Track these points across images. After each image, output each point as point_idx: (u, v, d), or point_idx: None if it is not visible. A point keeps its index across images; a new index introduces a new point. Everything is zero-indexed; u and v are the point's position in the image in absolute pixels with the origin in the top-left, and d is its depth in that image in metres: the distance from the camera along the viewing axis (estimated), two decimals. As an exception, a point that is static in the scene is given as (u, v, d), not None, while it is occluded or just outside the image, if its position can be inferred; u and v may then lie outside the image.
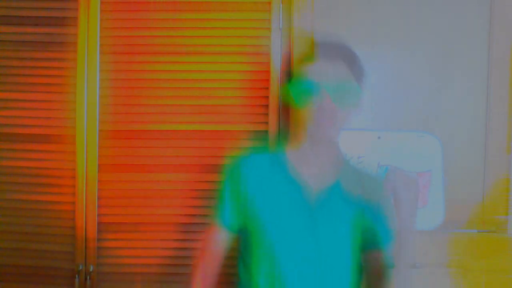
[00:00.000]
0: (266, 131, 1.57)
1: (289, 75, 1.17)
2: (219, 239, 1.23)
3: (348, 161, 1.23)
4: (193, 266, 1.25)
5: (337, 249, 1.14)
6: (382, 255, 1.17)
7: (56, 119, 1.60)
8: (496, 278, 1.46)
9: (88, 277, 1.58)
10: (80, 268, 1.58)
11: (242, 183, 1.17)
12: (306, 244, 1.12)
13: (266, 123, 1.57)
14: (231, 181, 1.20)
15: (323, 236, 1.13)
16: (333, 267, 1.13)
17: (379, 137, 1.55)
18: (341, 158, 1.21)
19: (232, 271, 1.24)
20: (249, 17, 1.57)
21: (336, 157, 1.19)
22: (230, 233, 1.22)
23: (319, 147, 1.15)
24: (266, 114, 1.57)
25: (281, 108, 1.57)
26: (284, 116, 1.57)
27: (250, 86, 1.58)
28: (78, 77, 1.58)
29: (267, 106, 1.57)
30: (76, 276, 1.58)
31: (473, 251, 1.47)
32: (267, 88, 1.57)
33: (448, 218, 1.52)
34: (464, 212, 1.55)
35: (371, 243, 1.17)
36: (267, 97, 1.57)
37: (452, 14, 1.56)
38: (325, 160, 1.17)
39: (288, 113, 1.55)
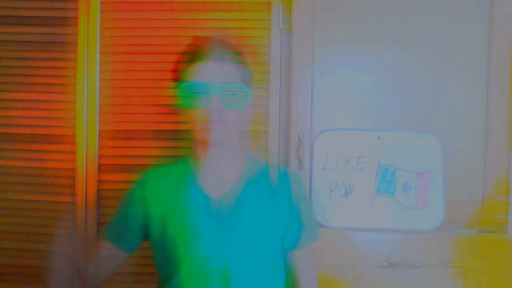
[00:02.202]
0: (266, 131, 1.57)
1: (175, 75, 1.13)
2: (107, 254, 1.21)
3: (254, 162, 1.20)
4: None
5: (248, 256, 1.10)
6: (307, 252, 1.16)
7: (56, 119, 1.60)
8: (496, 278, 1.46)
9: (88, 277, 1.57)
10: (80, 268, 1.58)
11: (143, 201, 1.15)
12: (214, 255, 1.09)
13: (266, 123, 1.57)
14: (132, 198, 1.18)
15: (231, 244, 1.09)
16: (247, 275, 1.10)
17: (379, 137, 1.55)
18: (243, 162, 1.17)
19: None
20: (249, 17, 1.57)
21: (236, 160, 1.16)
22: (120, 251, 1.21)
23: (215, 151, 1.12)
24: (266, 114, 1.57)
25: (280, 108, 1.57)
26: (284, 117, 1.57)
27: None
28: (78, 77, 1.58)
29: (266, 106, 1.57)
30: (76, 276, 1.58)
31: (473, 251, 1.47)
32: (267, 88, 1.57)
33: (448, 218, 1.52)
34: (464, 212, 1.55)
35: (293, 242, 1.15)
36: (267, 97, 1.57)
37: (452, 14, 1.56)
38: (224, 165, 1.14)
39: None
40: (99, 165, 1.59)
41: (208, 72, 1.06)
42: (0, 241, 1.62)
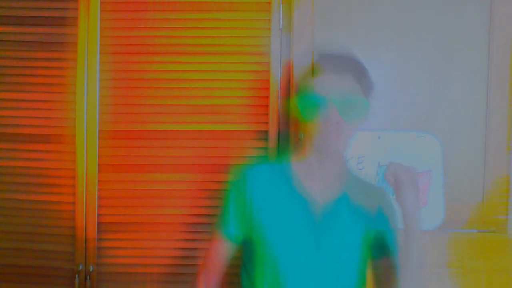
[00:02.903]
0: (266, 131, 1.57)
1: (294, 87, 1.17)
2: (222, 250, 1.21)
3: (352, 173, 1.23)
4: (196, 276, 1.25)
5: (341, 263, 1.13)
6: (393, 262, 1.16)
7: (56, 119, 1.60)
8: (496, 278, 1.46)
9: (88, 277, 1.58)
10: (80, 268, 1.58)
11: (247, 194, 1.16)
12: (309, 258, 1.11)
13: (267, 123, 1.57)
14: (236, 191, 1.18)
15: (327, 250, 1.12)
16: (337, 281, 1.12)
17: (379, 137, 1.55)
18: (346, 171, 1.20)
19: (236, 281, 1.24)
20: (249, 17, 1.57)
21: (341, 170, 1.19)
22: (233, 244, 1.21)
23: (325, 160, 1.14)
24: (267, 114, 1.57)
25: (281, 109, 1.57)
26: (284, 118, 1.58)
27: (250, 86, 1.58)
28: (78, 77, 1.58)
29: (267, 106, 1.57)
30: (76, 276, 1.58)
31: (473, 251, 1.47)
32: (267, 88, 1.57)
33: (448, 218, 1.52)
34: (464, 212, 1.55)
35: (381, 252, 1.17)
36: (267, 97, 1.57)
37: (452, 14, 1.56)
38: (330, 173, 1.16)
39: (289, 116, 1.55)
40: (99, 165, 1.59)
41: (328, 84, 1.08)
42: (0, 241, 1.62)
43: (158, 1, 1.58)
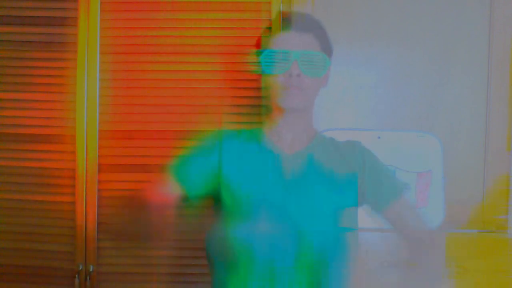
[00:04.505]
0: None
1: (258, 44, 1.18)
2: (168, 190, 1.14)
3: (321, 134, 1.23)
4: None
5: (314, 213, 1.11)
6: (403, 204, 1.16)
7: (56, 119, 1.60)
8: (496, 278, 1.46)
9: (88, 277, 1.58)
10: (80, 268, 1.58)
11: (217, 154, 1.15)
12: (281, 211, 1.09)
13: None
14: (206, 148, 1.17)
15: (303, 205, 1.11)
16: (319, 235, 1.09)
17: (379, 137, 1.55)
18: (313, 130, 1.21)
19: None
20: (249, 17, 1.57)
21: (309, 127, 1.20)
22: (182, 193, 1.14)
23: (291, 117, 1.15)
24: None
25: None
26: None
27: (250, 86, 1.58)
28: (78, 77, 1.58)
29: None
30: (76, 276, 1.58)
31: (473, 251, 1.47)
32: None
33: (448, 218, 1.52)
34: (464, 212, 1.55)
35: (383, 199, 1.16)
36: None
37: (452, 13, 1.56)
38: (298, 129, 1.17)
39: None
40: (99, 165, 1.59)
41: (289, 41, 1.11)
42: (0, 241, 1.62)
43: (158, 1, 1.58)
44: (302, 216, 1.10)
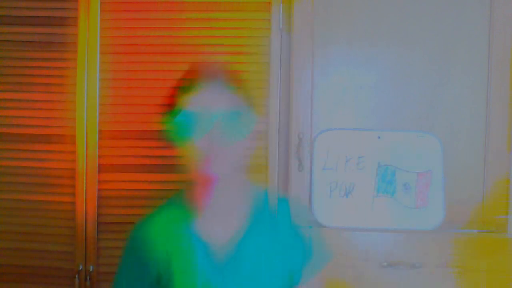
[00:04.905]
0: (266, 131, 1.57)
1: (169, 105, 1.04)
2: None
3: (255, 197, 1.07)
4: None
5: None
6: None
7: (56, 119, 1.60)
8: (496, 278, 1.46)
9: (88, 277, 1.58)
10: (80, 268, 1.58)
11: (147, 252, 1.04)
12: None
13: (266, 123, 1.57)
14: (134, 254, 1.07)
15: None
16: None
17: (379, 137, 1.55)
18: (246, 198, 1.05)
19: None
20: (249, 17, 1.57)
21: (239, 198, 1.04)
22: None
23: (216, 188, 0.96)
24: (266, 114, 1.57)
25: (280, 108, 1.57)
26: (284, 118, 1.58)
27: (249, 86, 1.58)
28: (78, 77, 1.58)
29: (267, 106, 1.57)
30: (76, 276, 1.58)
31: (473, 251, 1.47)
32: (267, 88, 1.57)
33: (448, 218, 1.52)
34: (464, 212, 1.55)
35: (300, 277, 1.06)
36: (267, 97, 1.57)
37: (452, 14, 1.56)
38: (226, 205, 1.01)
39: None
40: (99, 165, 1.59)
41: (206, 100, 0.95)
42: (0, 241, 1.62)
43: (158, 1, 1.58)
44: None
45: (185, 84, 1.00)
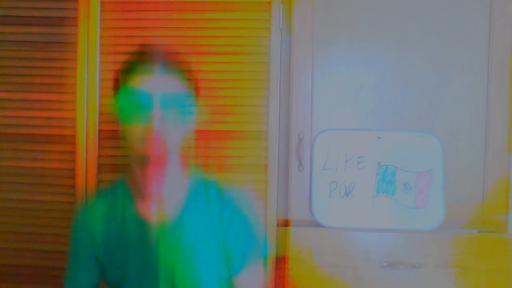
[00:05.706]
0: (266, 131, 1.57)
1: (116, 86, 1.06)
2: None
3: (195, 180, 1.10)
4: None
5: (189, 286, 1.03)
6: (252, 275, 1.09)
7: (56, 119, 1.60)
8: (496, 278, 1.46)
9: (88, 277, 1.58)
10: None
11: (89, 237, 1.09)
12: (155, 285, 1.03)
13: (266, 123, 1.57)
14: (77, 240, 1.13)
15: (172, 274, 1.03)
16: None
17: (379, 137, 1.55)
18: (185, 180, 1.09)
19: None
20: (249, 17, 1.57)
21: (178, 179, 1.07)
22: None
23: (155, 169, 1.00)
24: (266, 114, 1.57)
25: (280, 108, 1.57)
26: (284, 118, 1.58)
27: (249, 86, 1.58)
28: (78, 77, 1.58)
29: (266, 106, 1.57)
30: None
31: (473, 251, 1.47)
32: (267, 88, 1.57)
33: (448, 218, 1.52)
34: (464, 212, 1.55)
35: (237, 266, 1.08)
36: (267, 97, 1.57)
37: (452, 14, 1.56)
38: (164, 186, 1.04)
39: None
40: (99, 165, 1.59)
41: (150, 82, 0.98)
42: (0, 241, 1.62)
43: (158, 1, 1.58)
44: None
45: (131, 64, 1.02)
